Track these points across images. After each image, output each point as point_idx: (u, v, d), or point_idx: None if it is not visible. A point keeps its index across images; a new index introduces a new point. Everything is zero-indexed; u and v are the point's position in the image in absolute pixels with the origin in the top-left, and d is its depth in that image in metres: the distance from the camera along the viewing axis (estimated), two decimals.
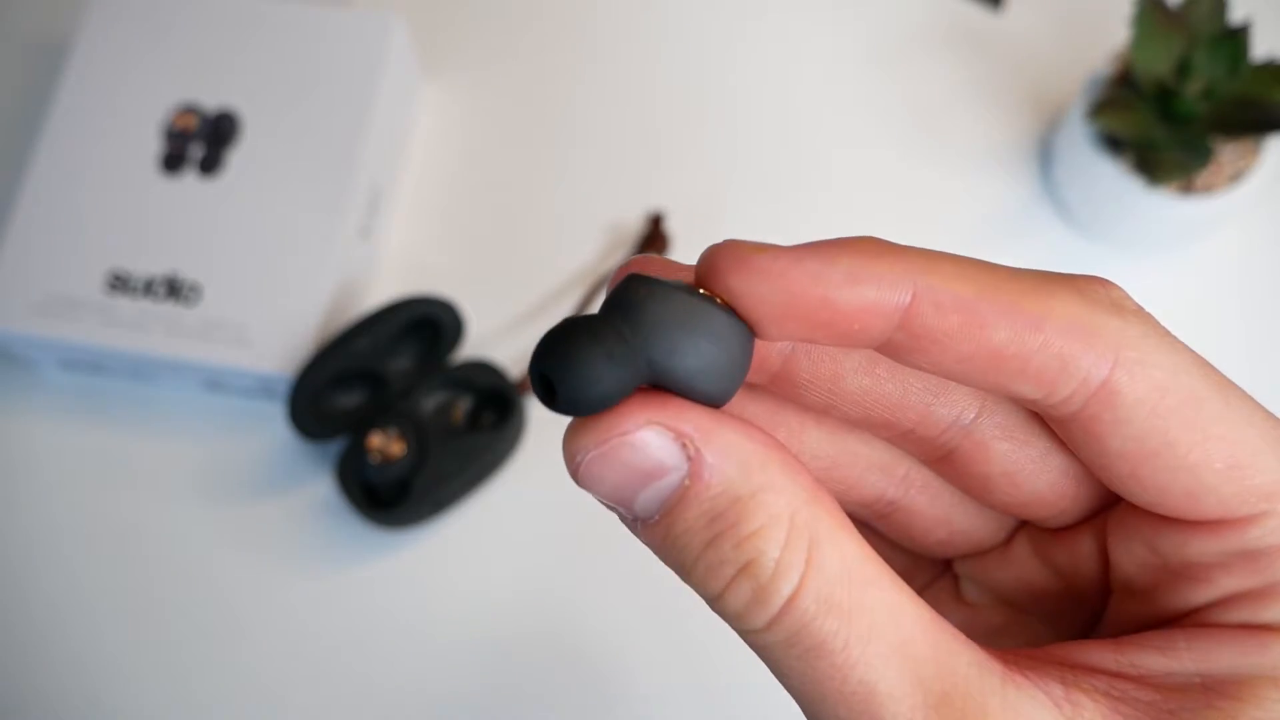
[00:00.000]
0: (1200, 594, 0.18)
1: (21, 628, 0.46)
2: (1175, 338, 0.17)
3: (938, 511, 0.21)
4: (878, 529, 0.22)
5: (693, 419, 0.17)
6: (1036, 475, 0.19)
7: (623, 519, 0.18)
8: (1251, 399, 0.17)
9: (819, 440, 0.20)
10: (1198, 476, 0.17)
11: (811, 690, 0.16)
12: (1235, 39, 0.44)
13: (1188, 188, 0.46)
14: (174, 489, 0.48)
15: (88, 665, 0.45)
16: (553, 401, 0.16)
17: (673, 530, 0.17)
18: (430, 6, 0.56)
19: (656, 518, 0.17)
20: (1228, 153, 0.46)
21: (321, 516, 0.47)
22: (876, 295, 0.16)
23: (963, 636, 0.17)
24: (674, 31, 0.56)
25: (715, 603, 0.17)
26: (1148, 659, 0.17)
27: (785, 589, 0.16)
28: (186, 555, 0.47)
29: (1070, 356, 0.16)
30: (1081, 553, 0.20)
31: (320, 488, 0.47)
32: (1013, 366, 0.17)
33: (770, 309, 0.17)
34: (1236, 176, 0.46)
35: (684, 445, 0.16)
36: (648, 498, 0.17)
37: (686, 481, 0.17)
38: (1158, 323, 0.17)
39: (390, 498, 0.45)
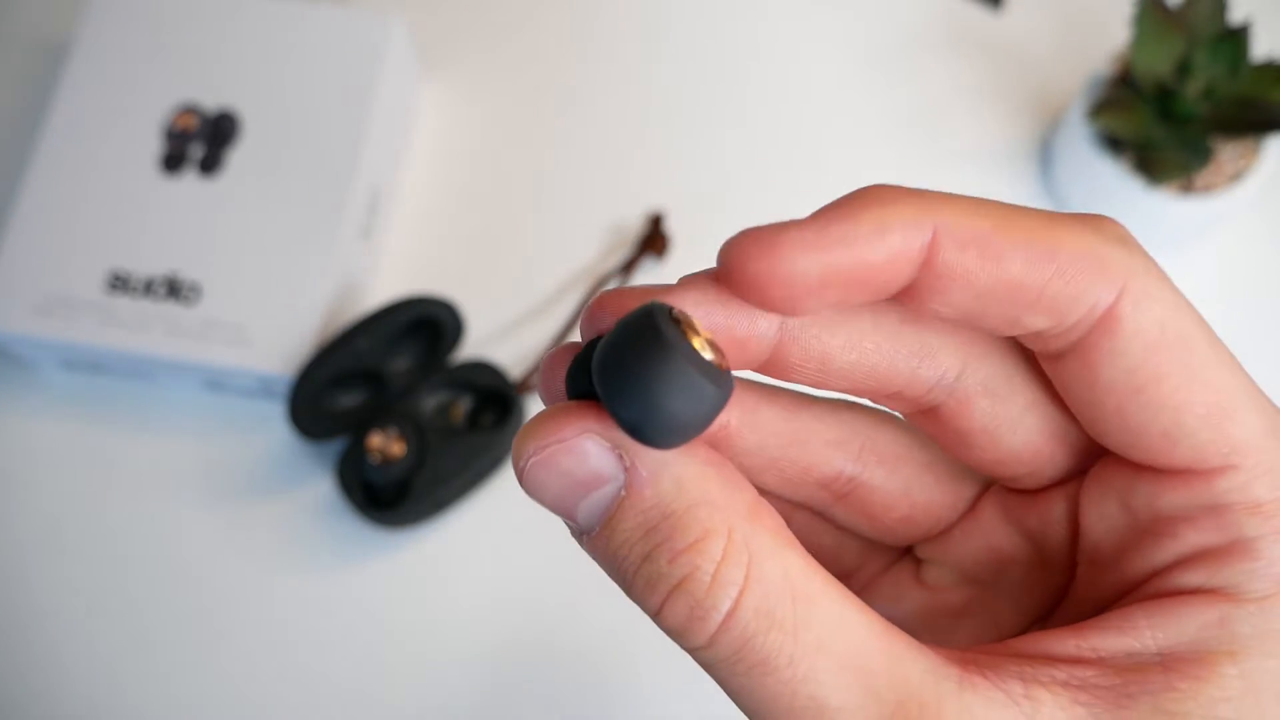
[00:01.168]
0: (1166, 551, 0.18)
1: (21, 627, 0.46)
2: (1170, 279, 0.17)
3: (896, 484, 0.21)
4: (836, 516, 0.22)
5: None
6: (1015, 431, 0.20)
7: (572, 532, 0.18)
8: (1231, 352, 0.18)
9: (773, 419, 0.20)
10: (1178, 418, 0.17)
11: (762, 708, 0.16)
12: (1235, 39, 0.44)
13: (1188, 188, 0.46)
14: (174, 489, 0.48)
15: (87, 664, 0.45)
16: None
17: (611, 543, 0.17)
18: (430, 6, 0.56)
19: (596, 529, 0.17)
20: (1228, 153, 0.47)
21: (321, 516, 0.47)
22: (904, 239, 0.17)
23: (916, 643, 0.17)
24: (674, 32, 0.56)
25: (656, 619, 0.17)
26: (1108, 641, 0.17)
27: (724, 604, 0.16)
28: (186, 555, 0.47)
29: (1081, 284, 0.17)
30: (1052, 516, 0.20)
31: (320, 488, 0.47)
32: (1028, 297, 0.17)
33: (807, 283, 0.17)
34: (1236, 176, 0.46)
35: (620, 456, 0.17)
36: (588, 508, 0.17)
37: (623, 493, 0.16)
38: (1156, 263, 0.17)
39: (390, 498, 0.45)
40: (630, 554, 0.16)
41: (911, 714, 0.16)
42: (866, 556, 0.23)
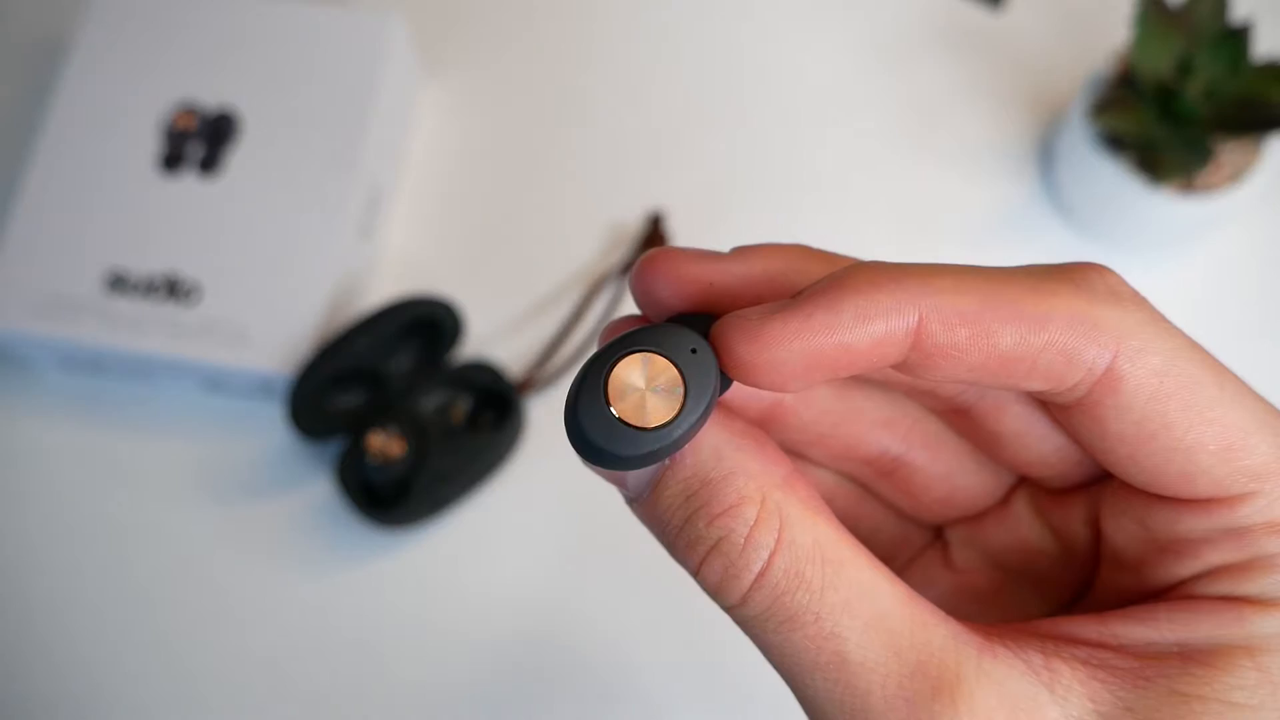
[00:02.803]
0: (1185, 567, 0.18)
1: (21, 627, 0.46)
2: (1171, 324, 0.18)
3: (939, 467, 0.22)
4: (879, 490, 0.23)
5: None
6: (1046, 438, 0.20)
7: (624, 498, 0.19)
8: (1243, 382, 0.18)
9: (827, 397, 0.21)
10: (1193, 458, 0.17)
11: (790, 662, 0.17)
12: (1236, 39, 0.44)
13: (1188, 188, 0.46)
14: (173, 489, 0.48)
15: (87, 665, 0.45)
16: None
17: (657, 507, 0.18)
18: (430, 6, 0.56)
19: (645, 496, 0.18)
20: (1228, 153, 0.46)
21: (321, 516, 0.47)
22: (886, 326, 0.17)
23: (940, 612, 0.18)
24: (674, 32, 0.56)
25: (695, 577, 0.18)
26: (1129, 630, 0.18)
27: (755, 565, 0.17)
28: (186, 555, 0.47)
29: (1075, 350, 0.17)
30: (1077, 516, 0.21)
31: (320, 488, 0.47)
32: (1022, 367, 0.17)
33: (793, 369, 0.17)
34: (1237, 176, 0.46)
35: None
36: (637, 476, 0.18)
37: (667, 462, 0.18)
38: (1154, 309, 0.18)
39: (390, 498, 0.45)
40: (673, 518, 0.18)
41: (931, 674, 0.17)
42: (902, 540, 0.24)
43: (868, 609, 0.17)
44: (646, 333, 0.18)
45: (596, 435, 0.17)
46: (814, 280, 0.18)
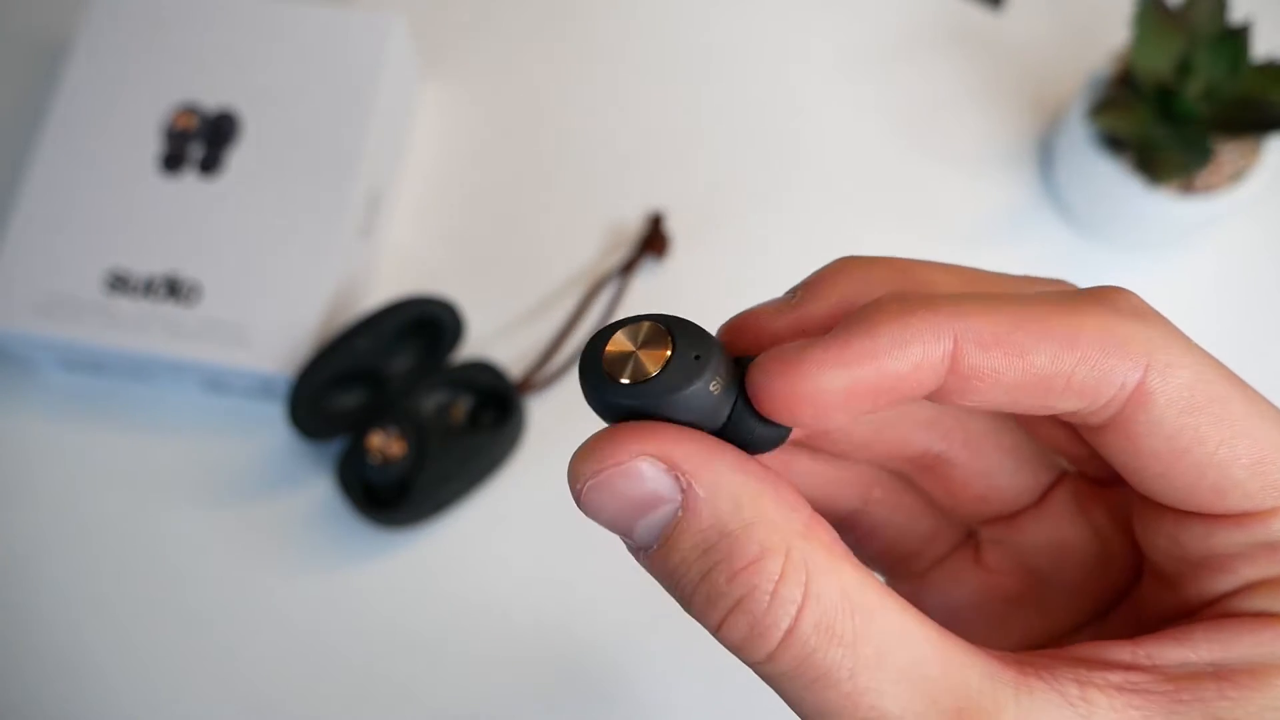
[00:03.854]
0: (1221, 583, 0.18)
1: (20, 627, 0.46)
2: (1193, 341, 0.18)
3: (978, 465, 0.22)
4: (920, 484, 0.23)
5: (686, 450, 0.17)
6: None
7: (629, 547, 0.18)
8: (1266, 399, 0.18)
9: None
10: (1226, 472, 0.17)
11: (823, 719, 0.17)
12: (1235, 39, 0.44)
13: (1188, 188, 0.46)
14: (174, 489, 0.48)
15: (86, 665, 0.45)
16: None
17: (669, 561, 0.17)
18: (430, 6, 0.56)
19: (655, 547, 0.18)
20: (1228, 153, 0.46)
21: (321, 516, 0.47)
22: (924, 350, 0.17)
23: (972, 648, 0.17)
24: (673, 32, 0.56)
25: (716, 635, 0.17)
26: (1164, 651, 0.18)
27: (783, 622, 0.16)
28: (186, 555, 0.47)
29: (1106, 367, 0.17)
30: (1121, 511, 0.21)
31: (320, 488, 0.47)
32: (1056, 385, 0.17)
33: (834, 398, 0.17)
34: (1236, 176, 0.46)
35: (677, 477, 0.17)
36: (646, 527, 0.17)
37: (680, 513, 0.17)
38: (1176, 327, 0.18)
39: (390, 498, 0.45)
40: (689, 572, 0.17)
41: (970, 719, 0.16)
42: (936, 536, 0.24)
43: (901, 657, 0.16)
44: (664, 316, 0.18)
45: (586, 384, 0.17)
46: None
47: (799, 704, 0.17)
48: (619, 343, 0.18)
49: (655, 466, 0.17)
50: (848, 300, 0.19)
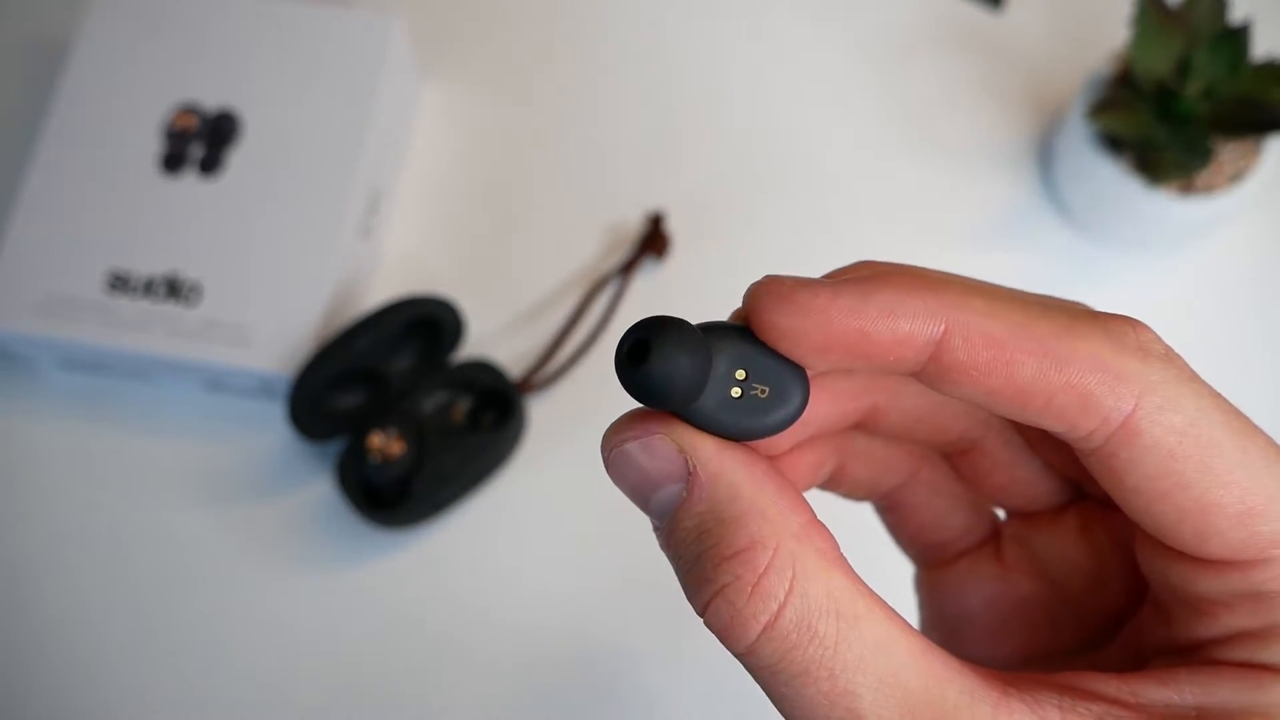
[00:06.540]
0: (1205, 628, 0.18)
1: (21, 628, 0.46)
2: (1201, 381, 0.17)
3: (1009, 455, 0.22)
4: (956, 467, 0.24)
5: (700, 436, 0.18)
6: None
7: (652, 526, 0.19)
8: (1273, 444, 0.17)
9: (916, 394, 0.22)
10: (1208, 520, 0.17)
11: (800, 716, 0.17)
12: (1235, 39, 0.44)
13: (1188, 188, 0.46)
14: (174, 488, 0.48)
15: (86, 665, 0.45)
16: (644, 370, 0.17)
17: (672, 539, 0.18)
18: (430, 6, 0.56)
19: (663, 523, 0.18)
20: (1228, 153, 0.46)
21: (321, 516, 0.47)
22: (910, 328, 0.17)
23: (957, 664, 0.17)
24: (674, 32, 0.56)
25: (701, 618, 0.18)
26: (1148, 690, 0.18)
27: (762, 615, 0.17)
28: (186, 555, 0.47)
29: (1092, 396, 0.17)
30: (1122, 540, 0.21)
31: (320, 488, 0.47)
32: (1037, 402, 0.17)
33: (812, 341, 0.17)
34: (1236, 176, 0.46)
35: (687, 460, 0.18)
36: (658, 503, 0.18)
37: (684, 493, 0.18)
38: (1185, 366, 0.17)
39: (390, 498, 0.45)
40: (685, 552, 0.18)
41: None
42: (967, 530, 0.24)
43: (882, 665, 0.17)
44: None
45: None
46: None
47: (779, 700, 0.17)
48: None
49: (670, 445, 0.18)
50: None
